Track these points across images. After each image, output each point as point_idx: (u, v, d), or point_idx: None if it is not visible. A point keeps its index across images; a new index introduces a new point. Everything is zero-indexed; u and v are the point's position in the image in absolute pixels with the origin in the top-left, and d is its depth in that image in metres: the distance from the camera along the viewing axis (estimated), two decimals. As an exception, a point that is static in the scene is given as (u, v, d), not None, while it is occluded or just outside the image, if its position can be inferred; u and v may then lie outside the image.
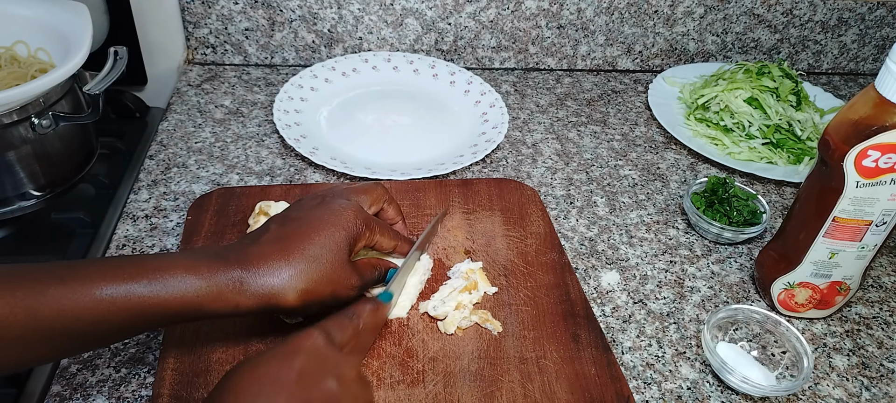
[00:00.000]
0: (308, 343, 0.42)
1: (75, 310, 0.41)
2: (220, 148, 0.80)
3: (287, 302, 0.47)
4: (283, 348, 0.42)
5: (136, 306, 0.43)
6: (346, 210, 0.52)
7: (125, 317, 0.43)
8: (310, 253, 0.48)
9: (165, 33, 0.93)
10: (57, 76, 0.62)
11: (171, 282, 0.44)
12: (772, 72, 0.94)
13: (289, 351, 0.41)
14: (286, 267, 0.47)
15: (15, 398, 0.54)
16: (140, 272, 0.44)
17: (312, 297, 0.48)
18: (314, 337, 0.43)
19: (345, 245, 0.51)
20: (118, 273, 0.43)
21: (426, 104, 0.92)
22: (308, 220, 0.51)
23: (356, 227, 0.52)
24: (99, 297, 0.42)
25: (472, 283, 0.61)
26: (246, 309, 0.47)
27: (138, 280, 0.43)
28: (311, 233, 0.49)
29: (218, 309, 0.46)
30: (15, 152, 0.65)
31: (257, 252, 0.48)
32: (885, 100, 0.53)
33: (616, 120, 0.95)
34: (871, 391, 0.60)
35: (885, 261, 0.75)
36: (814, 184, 0.61)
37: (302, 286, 0.48)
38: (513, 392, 0.53)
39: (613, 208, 0.78)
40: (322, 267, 0.49)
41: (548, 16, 0.99)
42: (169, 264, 0.45)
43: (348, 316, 0.47)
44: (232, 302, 0.46)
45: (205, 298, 0.45)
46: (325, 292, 0.49)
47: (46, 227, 0.70)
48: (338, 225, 0.51)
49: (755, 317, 0.62)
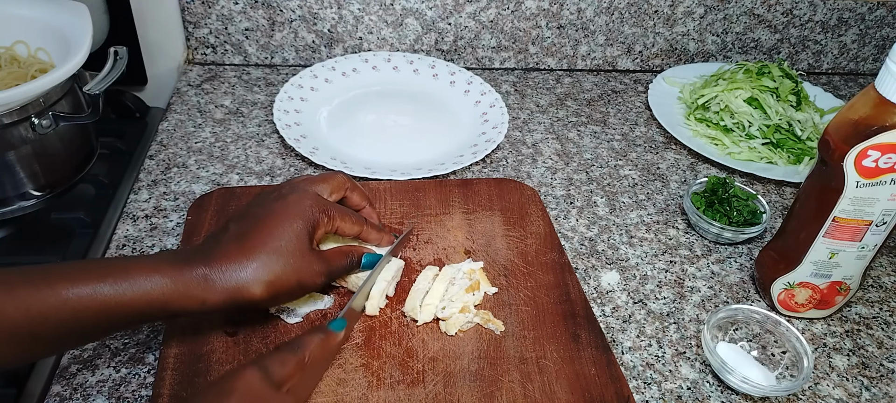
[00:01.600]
0: (241, 382, 0.42)
1: (42, 310, 0.41)
2: (220, 148, 0.80)
3: (253, 296, 0.48)
4: (216, 387, 0.42)
5: (102, 306, 0.43)
6: (302, 199, 0.53)
7: (91, 317, 0.43)
8: (271, 246, 0.49)
9: (165, 33, 0.93)
10: (57, 76, 0.62)
11: (137, 282, 0.44)
12: (772, 72, 0.94)
13: (221, 391, 0.41)
14: (249, 262, 0.48)
15: (15, 398, 0.54)
16: (106, 273, 0.44)
17: (278, 288, 0.49)
18: (248, 376, 0.42)
19: (304, 234, 0.51)
20: (85, 274, 0.43)
21: (426, 104, 0.92)
22: (266, 215, 0.51)
23: (313, 215, 0.52)
24: (65, 297, 0.42)
25: (475, 283, 0.61)
26: (213, 305, 0.47)
27: (104, 280, 0.43)
28: (269, 227, 0.50)
29: (184, 307, 0.46)
30: (15, 152, 0.65)
31: (219, 251, 0.48)
32: (885, 100, 0.53)
33: (616, 120, 0.95)
34: (871, 391, 0.60)
35: (885, 261, 0.75)
36: (814, 184, 0.61)
37: (266, 278, 0.48)
38: (513, 392, 0.53)
39: (613, 208, 0.78)
40: (284, 258, 0.49)
41: (548, 16, 0.99)
42: (135, 265, 0.45)
43: (292, 349, 0.47)
44: (198, 298, 0.46)
45: (171, 296, 0.45)
46: (291, 281, 0.50)
47: (46, 227, 0.70)
48: (295, 216, 0.51)
49: (755, 317, 0.62)
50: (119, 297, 0.44)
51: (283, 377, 0.44)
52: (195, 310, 0.47)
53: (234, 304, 0.48)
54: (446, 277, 0.61)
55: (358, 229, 0.57)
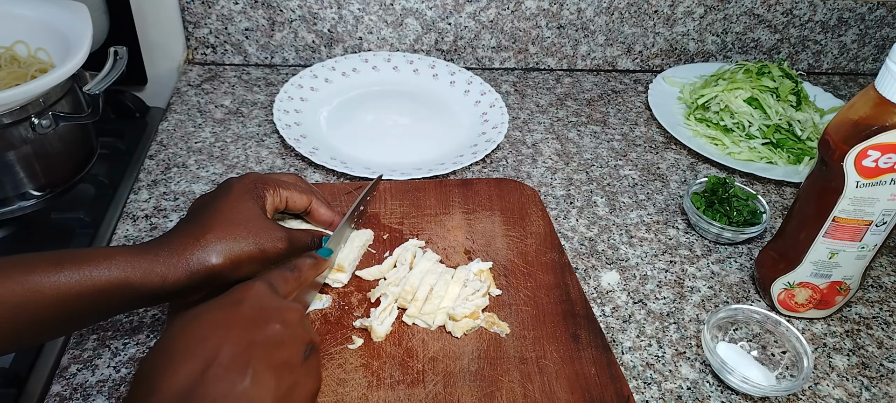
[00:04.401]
0: (251, 291, 0.44)
1: (2, 295, 0.42)
2: (220, 148, 0.80)
3: (213, 265, 0.49)
4: (227, 297, 0.43)
5: (65, 292, 0.44)
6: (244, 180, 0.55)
7: (50, 305, 0.44)
8: (225, 218, 0.51)
9: (165, 33, 0.93)
10: (57, 76, 0.62)
11: (96, 268, 0.45)
12: (772, 72, 0.94)
13: (233, 299, 0.43)
14: (206, 235, 0.49)
15: (15, 398, 0.54)
16: (67, 260, 0.45)
17: (238, 255, 0.50)
18: (257, 287, 0.44)
19: (256, 206, 0.53)
20: (45, 263, 0.44)
21: (426, 104, 0.92)
22: (214, 201, 0.53)
23: (259, 190, 0.54)
24: (26, 285, 0.43)
25: (487, 287, 0.61)
26: (174, 281, 0.48)
27: (65, 267, 0.44)
28: (220, 208, 0.52)
29: (146, 287, 0.47)
30: (15, 152, 0.65)
31: (177, 234, 0.50)
32: (885, 100, 0.53)
33: (616, 120, 0.95)
34: (871, 391, 0.60)
35: (885, 261, 0.75)
36: (814, 184, 0.61)
37: (224, 247, 0.49)
38: (513, 392, 0.53)
39: (613, 208, 0.78)
40: (240, 227, 0.51)
41: (548, 16, 0.99)
42: (95, 252, 0.46)
43: (289, 268, 0.50)
44: (159, 276, 0.47)
45: (131, 276, 0.46)
46: (251, 248, 0.51)
47: (46, 227, 0.70)
48: (242, 194, 0.53)
49: (755, 317, 0.62)
50: (79, 283, 0.44)
51: (285, 291, 0.47)
52: (157, 290, 0.47)
53: (197, 278, 0.48)
54: (460, 279, 0.61)
55: (307, 199, 0.59)
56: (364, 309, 0.59)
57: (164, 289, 0.48)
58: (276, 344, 0.41)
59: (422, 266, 0.62)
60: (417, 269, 0.62)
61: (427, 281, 0.60)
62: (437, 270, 0.62)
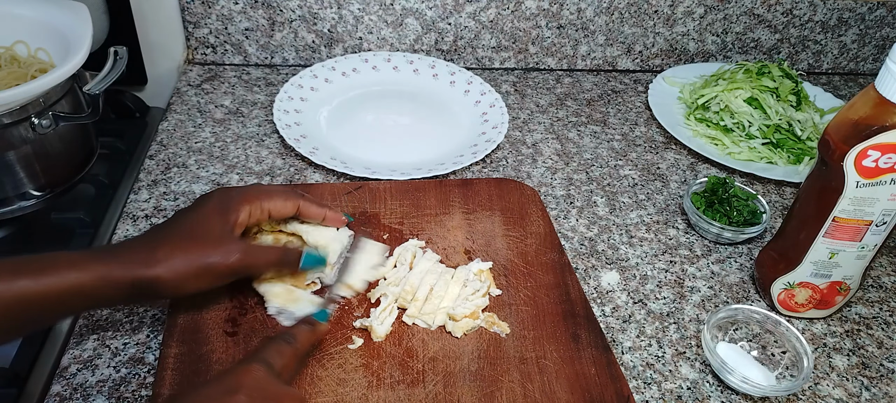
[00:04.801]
0: (248, 378, 0.43)
1: None
2: (220, 148, 0.80)
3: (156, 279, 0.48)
4: (223, 383, 0.42)
5: (19, 298, 0.44)
6: (224, 193, 0.55)
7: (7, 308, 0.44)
8: (183, 233, 0.50)
9: (165, 33, 0.93)
10: (57, 76, 0.62)
11: (54, 275, 0.45)
12: (772, 72, 0.94)
13: (229, 388, 0.41)
14: (157, 249, 0.49)
15: (15, 398, 0.54)
16: (24, 268, 0.45)
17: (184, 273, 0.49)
18: (254, 371, 0.43)
19: (221, 221, 0.52)
20: (3, 271, 0.44)
21: (426, 104, 0.92)
22: (187, 211, 0.53)
23: (234, 206, 0.53)
24: None
25: (487, 287, 0.61)
26: (126, 286, 0.47)
27: (22, 275, 0.44)
28: (184, 219, 0.52)
29: (99, 292, 0.47)
30: (15, 152, 0.65)
31: (134, 243, 0.50)
32: (885, 100, 0.53)
33: (616, 120, 0.95)
34: (871, 391, 0.60)
35: (885, 261, 0.75)
36: (814, 184, 0.61)
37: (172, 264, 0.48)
38: (513, 391, 0.53)
39: (613, 208, 0.78)
40: (195, 242, 0.50)
41: (548, 16, 0.99)
42: (53, 258, 0.46)
43: (286, 340, 0.48)
44: (110, 284, 0.47)
45: (86, 283, 0.46)
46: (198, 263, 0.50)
47: (46, 227, 0.70)
48: (213, 207, 0.53)
49: (755, 317, 0.62)
50: (34, 289, 0.44)
51: (282, 366, 0.46)
52: (111, 297, 0.48)
53: (141, 287, 0.48)
54: (460, 279, 0.61)
55: (292, 207, 0.58)
56: (364, 309, 0.59)
57: (117, 296, 0.48)
58: None
59: (422, 266, 0.62)
60: (417, 269, 0.62)
61: (427, 281, 0.60)
62: (437, 270, 0.62)
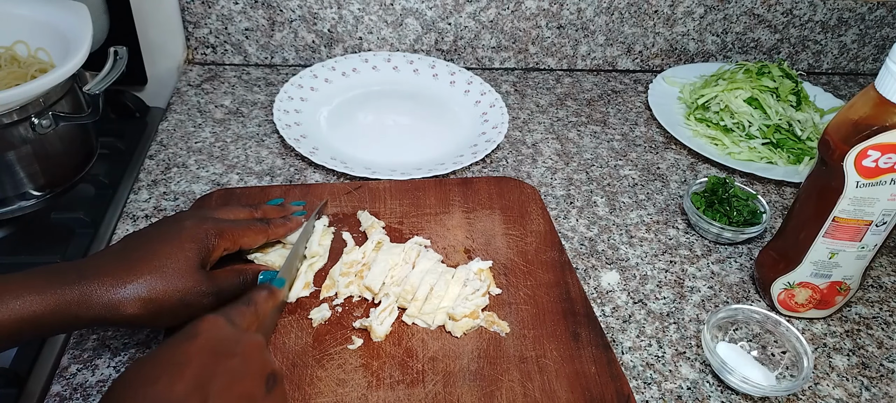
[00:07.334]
0: (206, 324, 0.42)
1: None
2: (220, 148, 0.80)
3: (127, 312, 0.47)
4: (182, 332, 0.41)
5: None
6: (199, 225, 0.52)
7: None
8: (153, 265, 0.48)
9: (165, 33, 0.93)
10: (57, 76, 0.62)
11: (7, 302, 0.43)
12: (772, 72, 0.94)
13: (188, 334, 0.41)
14: (127, 277, 0.47)
15: (15, 398, 0.54)
16: None
17: (156, 308, 0.48)
18: (213, 319, 0.43)
19: (194, 255, 0.50)
20: None
21: (426, 104, 0.92)
22: (156, 235, 0.51)
23: (207, 240, 0.52)
24: None
25: (487, 286, 0.61)
26: (87, 321, 0.46)
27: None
28: (155, 247, 0.49)
29: (57, 324, 0.45)
30: (15, 152, 0.65)
31: (96, 265, 0.47)
32: (885, 100, 0.53)
33: (616, 120, 0.95)
34: (871, 391, 0.60)
35: (885, 261, 0.75)
36: (814, 184, 0.61)
37: (143, 296, 0.47)
38: (513, 391, 0.53)
39: (613, 208, 0.78)
40: (165, 278, 0.48)
41: (548, 16, 0.99)
42: (6, 284, 0.44)
43: (245, 302, 0.48)
44: (72, 314, 0.45)
45: (42, 314, 0.44)
46: (172, 301, 0.48)
47: (46, 227, 0.70)
48: (186, 239, 0.51)
49: (755, 317, 0.62)
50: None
51: (244, 325, 0.46)
52: (68, 328, 0.46)
53: (110, 322, 0.47)
54: (460, 278, 0.61)
55: (262, 238, 0.58)
56: (364, 309, 0.59)
57: (77, 327, 0.46)
58: (236, 378, 0.39)
59: (422, 265, 0.62)
60: (418, 269, 0.62)
61: (427, 280, 0.60)
62: (438, 270, 0.62)
